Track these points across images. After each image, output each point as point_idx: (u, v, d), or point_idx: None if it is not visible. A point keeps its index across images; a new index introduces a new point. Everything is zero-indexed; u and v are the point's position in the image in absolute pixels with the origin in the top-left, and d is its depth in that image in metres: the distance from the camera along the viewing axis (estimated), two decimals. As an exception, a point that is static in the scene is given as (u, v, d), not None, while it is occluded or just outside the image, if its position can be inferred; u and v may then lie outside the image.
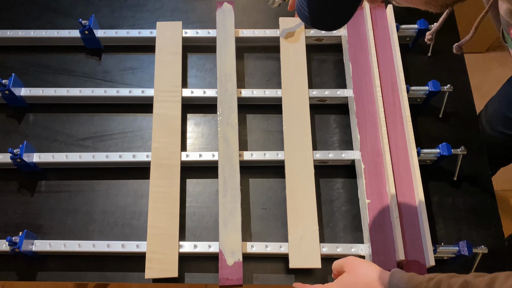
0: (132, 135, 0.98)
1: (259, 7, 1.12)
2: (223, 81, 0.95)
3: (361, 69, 0.97)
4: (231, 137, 0.91)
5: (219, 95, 0.94)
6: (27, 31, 1.04)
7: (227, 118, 0.92)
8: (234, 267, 0.81)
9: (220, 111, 0.93)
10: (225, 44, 0.99)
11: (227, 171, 0.88)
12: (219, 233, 0.83)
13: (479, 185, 0.93)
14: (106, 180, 0.94)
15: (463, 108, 1.01)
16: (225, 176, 0.87)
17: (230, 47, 0.99)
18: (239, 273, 0.80)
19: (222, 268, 0.81)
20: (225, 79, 0.96)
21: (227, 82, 0.95)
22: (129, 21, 1.10)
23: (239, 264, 0.81)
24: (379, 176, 0.87)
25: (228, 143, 0.90)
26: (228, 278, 0.80)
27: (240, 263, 0.81)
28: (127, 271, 0.86)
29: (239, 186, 0.87)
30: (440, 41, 1.05)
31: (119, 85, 1.03)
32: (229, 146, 0.90)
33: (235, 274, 0.80)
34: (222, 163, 0.88)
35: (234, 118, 0.92)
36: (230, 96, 0.94)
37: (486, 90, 1.71)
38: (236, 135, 0.91)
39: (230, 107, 0.93)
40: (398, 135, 0.90)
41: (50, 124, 0.99)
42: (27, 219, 0.90)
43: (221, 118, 0.92)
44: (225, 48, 0.99)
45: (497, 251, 0.87)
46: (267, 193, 0.92)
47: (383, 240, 0.82)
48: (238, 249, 0.82)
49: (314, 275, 0.85)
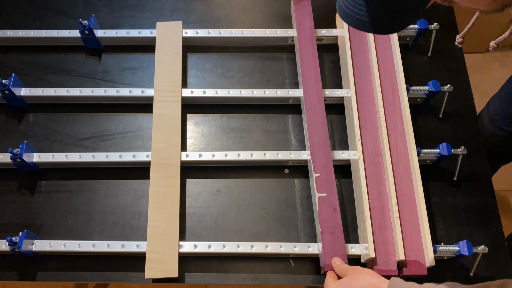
0: (132, 135, 0.98)
1: (259, 7, 1.12)
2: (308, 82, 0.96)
3: (361, 69, 0.97)
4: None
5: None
6: (27, 31, 1.04)
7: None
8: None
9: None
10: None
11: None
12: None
13: (479, 185, 0.93)
14: (106, 180, 0.94)
15: (463, 108, 1.01)
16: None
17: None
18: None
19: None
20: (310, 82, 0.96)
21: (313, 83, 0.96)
22: (129, 21, 1.10)
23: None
24: (379, 176, 0.87)
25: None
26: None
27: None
28: (127, 271, 0.86)
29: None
30: (440, 41, 1.06)
31: (119, 85, 1.03)
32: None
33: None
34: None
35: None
36: (315, 97, 0.94)
37: (486, 90, 1.71)
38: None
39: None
40: (398, 135, 0.90)
41: (50, 124, 0.99)
42: (27, 219, 0.90)
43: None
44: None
45: (497, 251, 0.87)
46: (267, 193, 0.92)
47: (383, 240, 0.82)
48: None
49: (314, 276, 0.85)
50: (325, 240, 0.82)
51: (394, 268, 0.80)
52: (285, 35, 1.03)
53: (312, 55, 0.98)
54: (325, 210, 0.84)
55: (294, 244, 0.84)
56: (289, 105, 1.00)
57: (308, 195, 0.92)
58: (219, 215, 0.90)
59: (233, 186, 0.93)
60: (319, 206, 0.85)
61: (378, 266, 0.80)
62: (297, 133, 0.97)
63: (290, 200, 0.91)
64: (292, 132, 0.98)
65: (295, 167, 0.94)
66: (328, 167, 0.88)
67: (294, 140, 0.97)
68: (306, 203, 0.91)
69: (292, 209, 0.91)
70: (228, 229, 0.89)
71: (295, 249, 0.83)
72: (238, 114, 1.00)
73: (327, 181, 0.87)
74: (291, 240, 0.88)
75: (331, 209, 0.84)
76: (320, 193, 0.85)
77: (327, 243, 0.81)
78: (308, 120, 0.92)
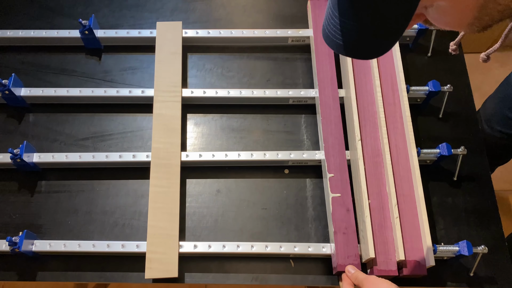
0: (132, 135, 0.98)
1: (259, 7, 1.12)
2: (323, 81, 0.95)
3: (361, 69, 0.97)
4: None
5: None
6: (27, 31, 1.04)
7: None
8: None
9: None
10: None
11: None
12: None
13: (479, 185, 0.93)
14: (106, 180, 0.94)
15: (463, 108, 1.01)
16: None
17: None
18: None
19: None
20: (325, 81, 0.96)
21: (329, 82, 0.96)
22: (129, 21, 1.10)
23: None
24: (379, 176, 0.87)
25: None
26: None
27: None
28: (127, 271, 0.86)
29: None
30: (440, 41, 1.06)
31: (119, 85, 1.03)
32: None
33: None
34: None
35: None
36: (331, 97, 0.94)
37: (486, 90, 1.71)
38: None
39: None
40: (398, 135, 0.90)
41: (50, 124, 0.99)
42: (27, 219, 0.90)
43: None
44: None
45: (497, 251, 0.87)
46: (267, 193, 0.92)
47: (383, 240, 0.82)
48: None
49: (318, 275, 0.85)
50: (338, 241, 0.82)
51: (394, 268, 0.80)
52: (285, 35, 1.03)
53: (328, 55, 0.98)
54: (339, 210, 0.84)
55: (294, 244, 0.84)
56: (289, 105, 1.00)
57: (308, 195, 0.92)
58: (219, 215, 0.90)
59: (233, 186, 0.93)
60: (332, 207, 0.84)
61: (378, 266, 0.80)
62: (297, 133, 0.97)
63: (290, 200, 0.91)
64: (293, 132, 0.98)
65: (295, 167, 0.94)
66: (343, 168, 0.88)
67: (294, 140, 0.97)
68: (306, 203, 0.91)
69: (292, 209, 0.91)
70: (228, 229, 0.89)
71: (295, 249, 0.84)
72: (238, 114, 1.00)
73: (341, 181, 0.87)
74: (291, 240, 0.88)
75: (345, 209, 0.84)
76: (334, 194, 0.85)
77: (340, 244, 0.81)
78: (323, 120, 0.92)
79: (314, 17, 1.02)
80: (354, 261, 0.80)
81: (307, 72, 1.03)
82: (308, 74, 1.03)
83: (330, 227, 0.85)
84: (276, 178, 0.94)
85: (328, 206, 0.87)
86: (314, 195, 0.92)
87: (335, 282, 0.84)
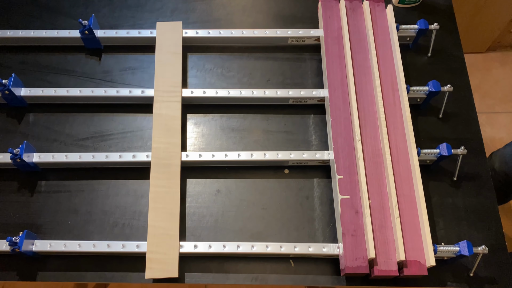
0: (132, 135, 0.98)
1: (259, 7, 1.12)
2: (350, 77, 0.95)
3: (361, 69, 0.97)
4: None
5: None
6: (27, 31, 1.04)
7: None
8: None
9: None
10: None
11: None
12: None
13: (479, 185, 0.93)
14: (106, 180, 0.94)
15: (463, 108, 1.01)
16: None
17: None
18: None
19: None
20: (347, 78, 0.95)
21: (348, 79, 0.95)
22: (129, 21, 1.10)
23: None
24: (379, 176, 0.87)
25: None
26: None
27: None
28: (127, 271, 0.86)
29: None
30: (440, 41, 1.06)
31: (119, 85, 1.03)
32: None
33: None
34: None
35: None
36: (341, 98, 0.94)
37: (486, 90, 1.71)
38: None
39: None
40: (398, 135, 0.90)
41: (50, 124, 0.99)
42: (27, 219, 0.90)
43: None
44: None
45: (497, 251, 0.87)
46: (267, 193, 0.92)
47: (384, 240, 0.82)
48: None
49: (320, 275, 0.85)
50: (347, 243, 0.81)
51: (394, 268, 0.80)
52: (285, 35, 1.03)
53: (339, 56, 0.98)
54: (348, 212, 0.84)
55: (295, 244, 0.84)
56: (289, 105, 1.00)
57: (309, 195, 0.92)
58: (219, 215, 0.90)
59: (233, 186, 0.93)
60: (341, 209, 0.84)
61: (378, 266, 0.80)
62: (298, 133, 0.97)
63: (290, 200, 0.91)
64: (294, 132, 0.98)
65: (295, 167, 0.94)
66: (352, 169, 0.88)
67: (294, 140, 0.97)
68: (306, 203, 0.91)
69: (292, 209, 0.91)
70: (228, 229, 0.89)
71: (296, 249, 0.83)
72: (238, 114, 1.00)
73: (350, 183, 0.86)
74: (291, 240, 0.88)
75: (354, 211, 0.84)
76: (343, 195, 0.85)
77: (348, 246, 0.81)
78: (332, 121, 0.92)
79: (325, 18, 1.02)
80: (362, 263, 0.80)
81: (308, 72, 1.04)
82: (309, 74, 1.03)
83: (339, 228, 0.84)
84: (276, 178, 0.94)
85: (336, 208, 0.86)
86: (314, 195, 0.92)
87: (336, 282, 0.84)
